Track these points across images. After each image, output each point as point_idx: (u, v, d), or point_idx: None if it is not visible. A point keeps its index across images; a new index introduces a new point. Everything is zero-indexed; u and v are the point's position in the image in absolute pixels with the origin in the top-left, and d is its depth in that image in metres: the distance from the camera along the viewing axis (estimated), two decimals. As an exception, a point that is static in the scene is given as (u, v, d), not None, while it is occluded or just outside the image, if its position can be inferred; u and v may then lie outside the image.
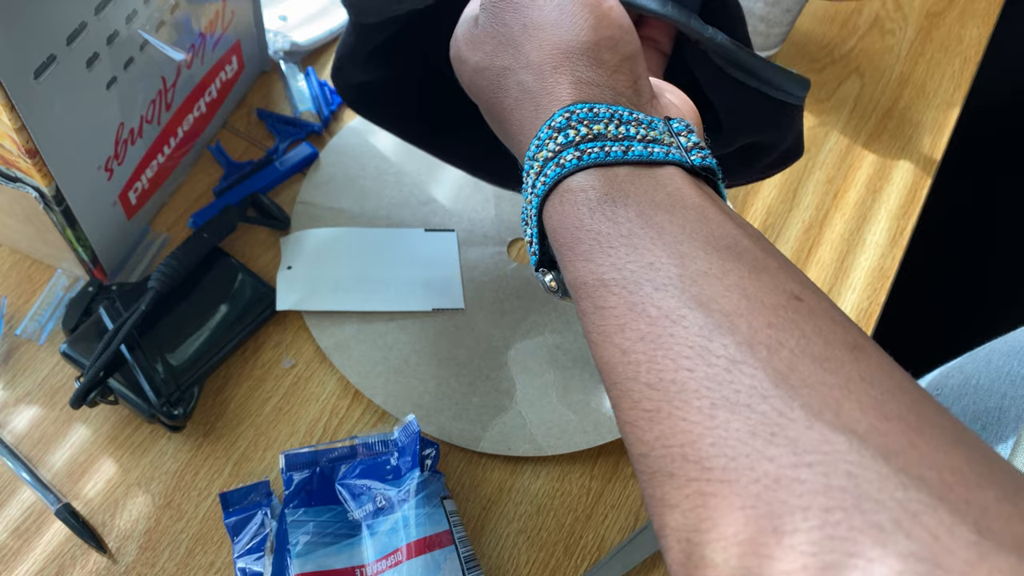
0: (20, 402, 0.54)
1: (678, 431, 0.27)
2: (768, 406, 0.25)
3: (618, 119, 0.34)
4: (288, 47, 0.68)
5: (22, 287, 0.58)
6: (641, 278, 0.30)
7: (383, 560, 0.48)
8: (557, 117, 0.34)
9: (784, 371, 0.26)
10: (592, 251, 0.31)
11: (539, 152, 0.34)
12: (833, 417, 0.25)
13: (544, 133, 0.34)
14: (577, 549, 0.53)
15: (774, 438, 0.25)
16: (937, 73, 0.75)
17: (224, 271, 0.58)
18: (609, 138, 0.33)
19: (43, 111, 0.45)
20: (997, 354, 0.57)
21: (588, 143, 0.33)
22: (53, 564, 0.50)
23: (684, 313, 0.28)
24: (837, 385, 0.26)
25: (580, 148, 0.33)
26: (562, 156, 0.33)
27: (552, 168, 0.33)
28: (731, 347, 0.27)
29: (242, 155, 0.64)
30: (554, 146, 0.34)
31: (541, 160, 0.34)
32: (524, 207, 0.36)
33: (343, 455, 0.52)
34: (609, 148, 0.33)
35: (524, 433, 0.55)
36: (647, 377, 0.28)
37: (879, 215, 0.67)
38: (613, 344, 0.30)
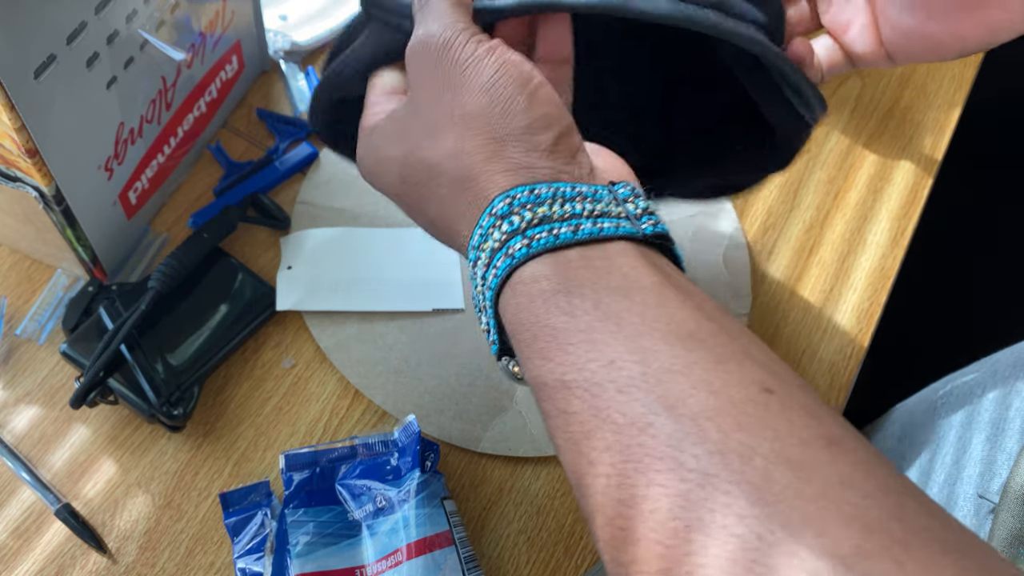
0: (20, 402, 0.54)
1: (653, 556, 0.25)
2: (745, 528, 0.24)
3: (561, 197, 0.32)
4: (288, 47, 0.68)
5: (22, 287, 0.58)
6: (604, 379, 0.28)
7: (383, 560, 0.48)
8: (497, 203, 0.32)
9: (759, 484, 0.24)
10: (550, 348, 0.30)
11: (484, 243, 0.32)
12: (813, 539, 0.23)
13: (486, 221, 0.32)
14: (577, 549, 0.53)
15: (754, 565, 0.23)
16: (938, 73, 0.75)
17: (224, 271, 0.58)
18: (555, 219, 0.31)
19: (43, 111, 0.45)
20: (1003, 364, 0.57)
21: (534, 228, 0.31)
22: (53, 564, 0.50)
23: (651, 420, 0.26)
24: (815, 496, 0.24)
25: (527, 235, 0.31)
26: (509, 246, 0.31)
27: (501, 259, 0.32)
28: (703, 458, 0.25)
29: (242, 155, 0.64)
30: (499, 235, 0.32)
31: (488, 251, 0.32)
32: (476, 297, 0.34)
33: (343, 455, 0.52)
34: (557, 230, 0.31)
35: (524, 433, 0.55)
36: (618, 493, 0.26)
37: (880, 215, 0.67)
38: (579, 453, 0.28)
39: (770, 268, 0.64)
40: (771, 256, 0.65)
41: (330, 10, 0.71)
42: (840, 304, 0.63)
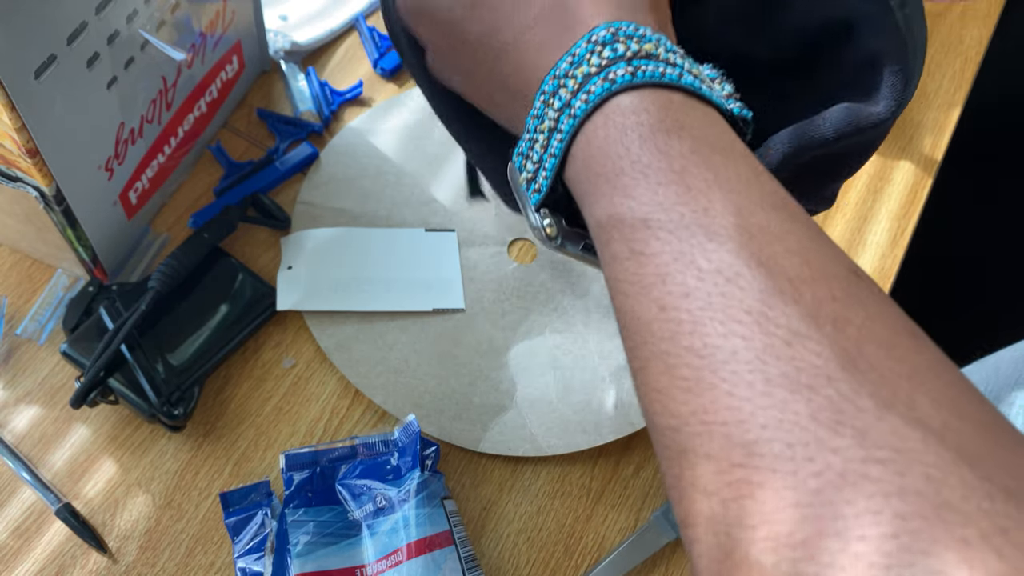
0: (20, 402, 0.54)
1: (722, 407, 0.23)
2: (833, 390, 0.22)
3: (664, 45, 0.29)
4: (289, 47, 0.68)
5: (22, 287, 0.58)
6: (692, 223, 0.26)
7: (383, 560, 0.48)
8: (600, 31, 0.29)
9: (852, 352, 0.23)
10: (637, 185, 0.27)
11: (575, 68, 0.29)
12: (906, 410, 0.22)
13: (582, 48, 0.29)
14: (577, 549, 0.53)
15: (840, 427, 0.22)
16: (938, 73, 0.75)
17: (224, 271, 0.58)
18: (660, 59, 0.28)
19: (43, 111, 0.45)
20: (1005, 363, 0.57)
21: (640, 60, 0.28)
22: (53, 564, 0.50)
23: (741, 271, 0.24)
24: (905, 374, 0.23)
25: (632, 64, 0.28)
26: (610, 71, 0.28)
27: (598, 84, 0.28)
28: (794, 318, 0.23)
29: (242, 155, 0.64)
30: (598, 60, 0.29)
31: (579, 76, 0.29)
32: (536, 132, 0.31)
33: (343, 455, 0.52)
34: (664, 69, 0.28)
35: (524, 433, 0.55)
36: (689, 340, 0.24)
37: (880, 215, 0.67)
38: (649, 298, 0.26)
39: (770, 268, 0.64)
40: (771, 256, 0.65)
41: (330, 10, 0.71)
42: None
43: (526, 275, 0.61)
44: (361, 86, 0.68)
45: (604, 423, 0.55)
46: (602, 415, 0.55)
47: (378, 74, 0.69)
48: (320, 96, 0.67)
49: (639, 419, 0.55)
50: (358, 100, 0.68)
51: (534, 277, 0.61)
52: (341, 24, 0.71)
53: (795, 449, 0.22)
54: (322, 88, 0.67)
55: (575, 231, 0.32)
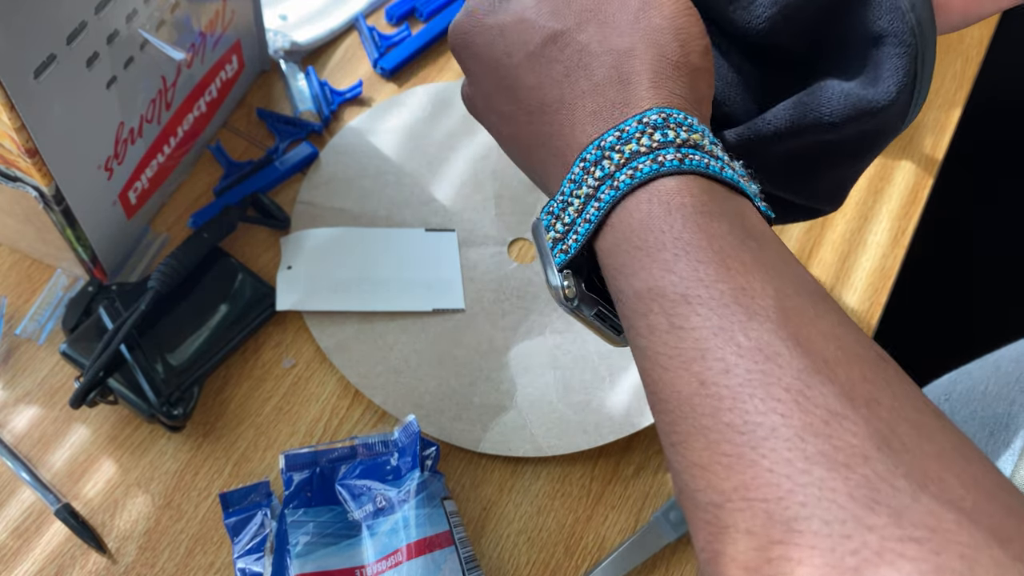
0: (20, 402, 0.54)
1: (763, 483, 0.24)
2: (869, 469, 0.23)
3: (709, 138, 0.31)
4: (288, 46, 0.68)
5: (22, 287, 0.58)
6: (732, 301, 0.27)
7: (383, 561, 0.48)
8: (652, 114, 0.31)
9: (885, 432, 0.24)
10: (677, 261, 0.28)
11: (622, 144, 0.30)
12: (938, 491, 0.23)
13: (632, 127, 0.31)
14: (577, 550, 0.53)
15: (876, 505, 0.23)
16: (939, 73, 0.75)
17: (224, 271, 0.58)
18: (706, 151, 0.30)
19: (43, 110, 0.45)
20: (1006, 360, 0.57)
21: (688, 148, 0.30)
22: (53, 564, 0.50)
23: (780, 350, 0.26)
24: (934, 454, 0.24)
25: (681, 151, 0.30)
26: (660, 153, 0.30)
27: (647, 163, 0.30)
28: (830, 397, 0.25)
29: (242, 155, 0.64)
30: (648, 142, 0.30)
31: (626, 152, 0.30)
32: (572, 196, 0.32)
33: (343, 455, 0.52)
34: (708, 161, 0.30)
35: (524, 434, 0.55)
36: (730, 417, 0.25)
37: (881, 215, 0.67)
38: (690, 372, 0.27)
39: (770, 268, 0.64)
40: (771, 256, 0.65)
41: (330, 9, 0.71)
42: (841, 304, 0.63)
43: (526, 275, 0.61)
44: (361, 86, 0.68)
45: (604, 423, 0.55)
46: (602, 415, 0.55)
47: (378, 74, 0.69)
48: (320, 96, 0.67)
49: (639, 419, 0.55)
50: (358, 100, 0.68)
51: (534, 277, 0.61)
52: (341, 24, 0.70)
53: (832, 527, 0.23)
54: (322, 88, 0.67)
55: (591, 296, 0.33)
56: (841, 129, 0.35)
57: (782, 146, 0.36)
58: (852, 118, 0.35)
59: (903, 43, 0.34)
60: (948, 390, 0.60)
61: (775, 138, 0.36)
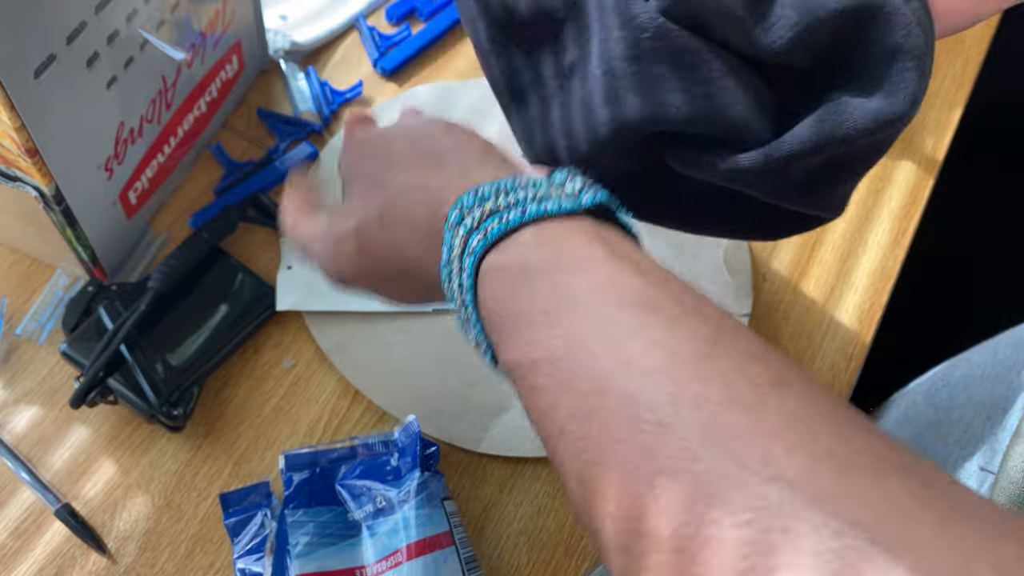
0: (20, 402, 0.54)
1: (622, 508, 0.27)
2: (703, 466, 0.25)
3: (504, 190, 0.34)
4: (288, 46, 0.68)
5: (22, 287, 0.57)
6: (563, 352, 0.30)
7: (383, 561, 0.48)
8: (452, 215, 0.35)
9: (710, 426, 0.26)
10: (518, 331, 0.32)
11: (451, 254, 0.35)
12: (760, 467, 0.25)
13: (448, 235, 0.35)
14: (578, 550, 0.53)
15: (713, 500, 0.25)
16: (939, 74, 0.75)
17: (224, 271, 0.58)
18: (501, 209, 0.34)
19: (43, 110, 0.45)
20: (1003, 345, 0.57)
21: (486, 221, 0.33)
22: (52, 564, 0.50)
23: (608, 384, 0.28)
24: (763, 431, 0.26)
25: (480, 230, 0.33)
26: (468, 245, 0.34)
27: (466, 259, 0.34)
28: (658, 409, 0.27)
29: (242, 155, 0.64)
30: (459, 241, 0.34)
31: (456, 259, 0.34)
32: (460, 316, 0.36)
33: (343, 455, 0.52)
34: (506, 217, 0.33)
35: (525, 433, 0.55)
36: (585, 456, 0.28)
37: (881, 215, 0.67)
38: (551, 423, 0.30)
39: (771, 268, 0.64)
40: (772, 256, 0.65)
41: (330, 9, 0.71)
42: (841, 304, 0.63)
43: (526, 275, 0.61)
44: (361, 86, 0.68)
45: (604, 423, 0.55)
46: (602, 415, 0.55)
47: (378, 74, 0.69)
48: (320, 96, 0.67)
49: (639, 419, 0.55)
50: (358, 100, 0.68)
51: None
52: (341, 23, 0.70)
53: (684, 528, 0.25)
54: (322, 88, 0.67)
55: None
56: (862, 142, 0.36)
57: (803, 165, 0.37)
58: (873, 131, 0.36)
59: (915, 57, 0.36)
60: (947, 376, 0.60)
61: (797, 158, 0.36)
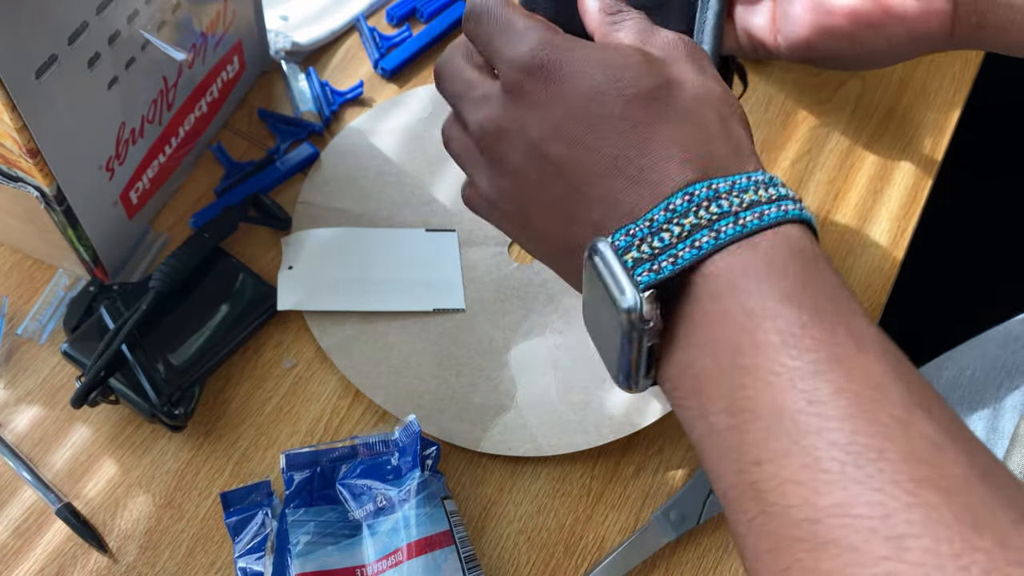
0: (21, 402, 0.54)
1: (868, 501, 0.26)
2: (972, 496, 0.25)
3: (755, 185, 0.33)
4: (290, 47, 0.68)
5: (23, 287, 0.58)
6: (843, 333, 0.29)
7: (383, 560, 0.48)
8: (759, 175, 0.33)
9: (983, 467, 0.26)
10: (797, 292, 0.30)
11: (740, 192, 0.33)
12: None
13: (743, 181, 0.33)
14: (578, 549, 0.53)
15: (982, 529, 0.24)
16: (938, 75, 0.75)
17: (225, 271, 0.58)
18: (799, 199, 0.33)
19: (44, 111, 0.45)
20: (991, 345, 0.57)
21: (799, 202, 0.33)
22: (54, 564, 0.50)
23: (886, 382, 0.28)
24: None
25: (797, 204, 0.33)
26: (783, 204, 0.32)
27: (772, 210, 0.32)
28: (931, 430, 0.26)
29: (243, 155, 0.64)
30: (767, 194, 0.33)
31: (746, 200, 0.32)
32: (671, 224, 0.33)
33: (344, 455, 0.52)
34: (803, 208, 0.33)
35: (525, 433, 0.55)
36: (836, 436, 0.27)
37: (880, 216, 0.67)
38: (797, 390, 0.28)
39: (770, 269, 0.64)
40: (771, 257, 0.65)
41: (331, 10, 0.71)
42: (840, 305, 0.63)
43: (526, 275, 0.61)
44: (362, 86, 0.68)
45: (604, 423, 0.55)
46: (602, 415, 0.55)
47: (379, 74, 0.69)
48: (321, 96, 0.67)
49: (639, 419, 0.55)
50: (359, 100, 0.68)
51: (534, 277, 0.61)
52: (342, 24, 0.71)
53: (941, 545, 0.24)
54: (323, 88, 0.67)
55: (660, 325, 0.33)
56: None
57: None
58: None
59: None
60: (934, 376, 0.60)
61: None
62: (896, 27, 0.47)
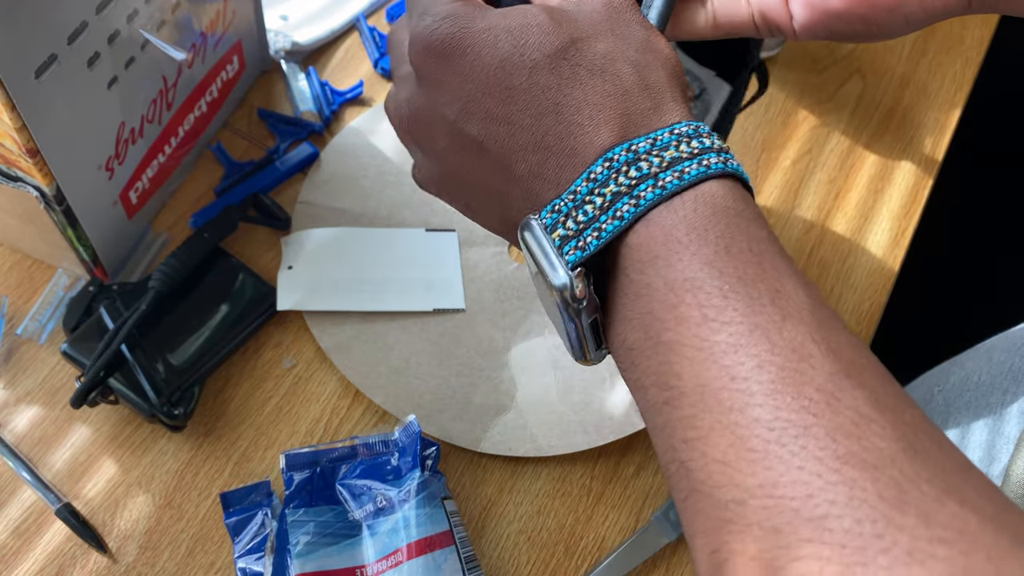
0: (21, 402, 0.54)
1: (792, 480, 0.24)
2: (897, 471, 0.24)
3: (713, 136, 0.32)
4: (289, 47, 0.68)
5: (23, 287, 0.58)
6: (768, 301, 0.27)
7: (383, 560, 0.48)
8: (682, 127, 0.31)
9: (911, 438, 0.24)
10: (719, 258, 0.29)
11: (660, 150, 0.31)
12: (960, 497, 0.23)
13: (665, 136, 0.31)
14: (578, 550, 0.53)
15: (905, 506, 0.23)
16: (939, 74, 0.75)
17: (225, 271, 0.58)
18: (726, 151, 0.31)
19: (44, 110, 0.45)
20: (998, 351, 0.57)
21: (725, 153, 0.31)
22: (53, 564, 0.50)
23: (812, 351, 0.26)
24: (952, 467, 0.24)
25: (721, 155, 0.31)
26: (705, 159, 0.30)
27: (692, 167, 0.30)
28: (860, 401, 0.25)
29: (243, 155, 0.64)
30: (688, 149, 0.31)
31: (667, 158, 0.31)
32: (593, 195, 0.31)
33: (343, 455, 0.52)
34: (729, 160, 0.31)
35: (525, 433, 0.55)
36: (759, 412, 0.25)
37: (881, 216, 0.67)
38: (719, 365, 0.27)
39: (771, 268, 0.64)
40: (772, 256, 0.65)
41: (331, 10, 0.71)
42: (841, 305, 0.63)
43: (526, 275, 0.61)
44: (362, 86, 0.68)
45: (604, 423, 0.55)
46: (603, 415, 0.55)
47: (379, 74, 0.69)
48: (320, 96, 0.67)
49: (640, 420, 0.55)
50: (359, 100, 0.68)
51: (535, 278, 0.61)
52: (342, 24, 0.71)
53: (863, 525, 0.23)
54: (322, 88, 0.67)
55: (595, 299, 0.32)
56: None
57: None
58: None
59: None
60: (941, 381, 0.60)
61: None
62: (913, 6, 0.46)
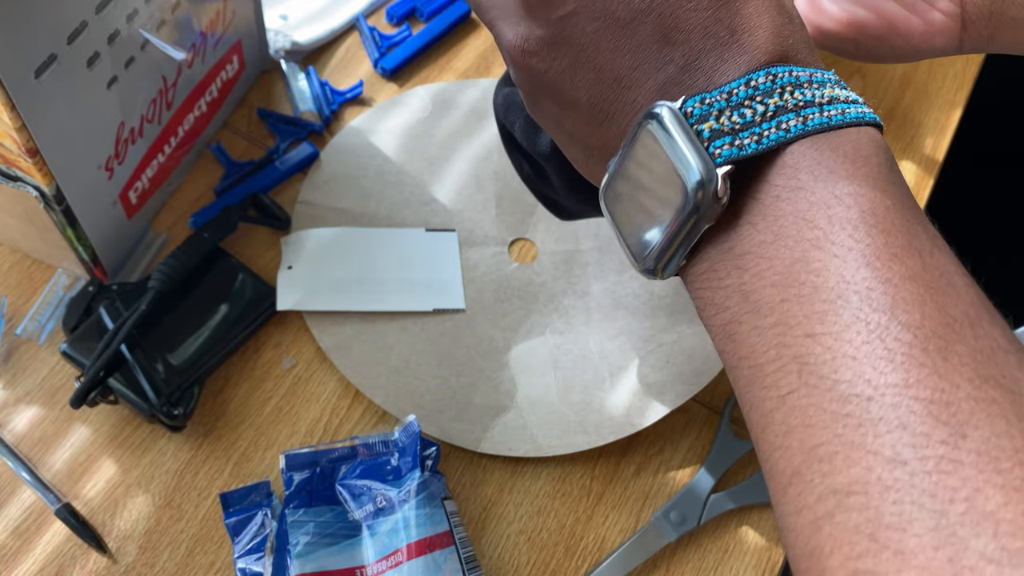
0: (20, 402, 0.54)
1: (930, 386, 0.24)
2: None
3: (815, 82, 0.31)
4: (289, 46, 0.68)
5: (22, 286, 0.58)
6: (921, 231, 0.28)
7: (383, 560, 0.48)
8: (830, 75, 0.31)
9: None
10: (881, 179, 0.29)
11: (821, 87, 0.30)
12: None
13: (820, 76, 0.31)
14: (578, 550, 0.53)
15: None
16: (939, 73, 0.75)
17: (224, 271, 0.58)
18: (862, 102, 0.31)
19: (44, 110, 0.45)
20: None
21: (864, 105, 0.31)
22: (53, 564, 0.50)
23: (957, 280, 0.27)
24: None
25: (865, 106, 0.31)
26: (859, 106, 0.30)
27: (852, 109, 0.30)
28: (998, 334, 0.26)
29: (243, 155, 0.64)
30: (845, 93, 0.31)
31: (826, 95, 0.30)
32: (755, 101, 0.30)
33: (343, 455, 0.52)
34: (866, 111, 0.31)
35: (525, 434, 0.55)
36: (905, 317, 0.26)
37: (881, 216, 0.67)
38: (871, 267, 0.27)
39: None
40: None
41: (331, 10, 0.71)
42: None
43: (527, 275, 0.61)
44: (361, 86, 0.68)
45: (605, 424, 0.55)
46: (602, 415, 0.55)
47: (378, 74, 0.69)
48: (320, 96, 0.67)
49: (640, 419, 0.55)
50: (358, 100, 0.68)
51: (535, 277, 0.61)
52: (342, 24, 0.70)
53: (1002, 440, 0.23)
54: (322, 88, 0.67)
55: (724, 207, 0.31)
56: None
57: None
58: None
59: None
60: None
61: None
62: (900, 41, 0.47)
